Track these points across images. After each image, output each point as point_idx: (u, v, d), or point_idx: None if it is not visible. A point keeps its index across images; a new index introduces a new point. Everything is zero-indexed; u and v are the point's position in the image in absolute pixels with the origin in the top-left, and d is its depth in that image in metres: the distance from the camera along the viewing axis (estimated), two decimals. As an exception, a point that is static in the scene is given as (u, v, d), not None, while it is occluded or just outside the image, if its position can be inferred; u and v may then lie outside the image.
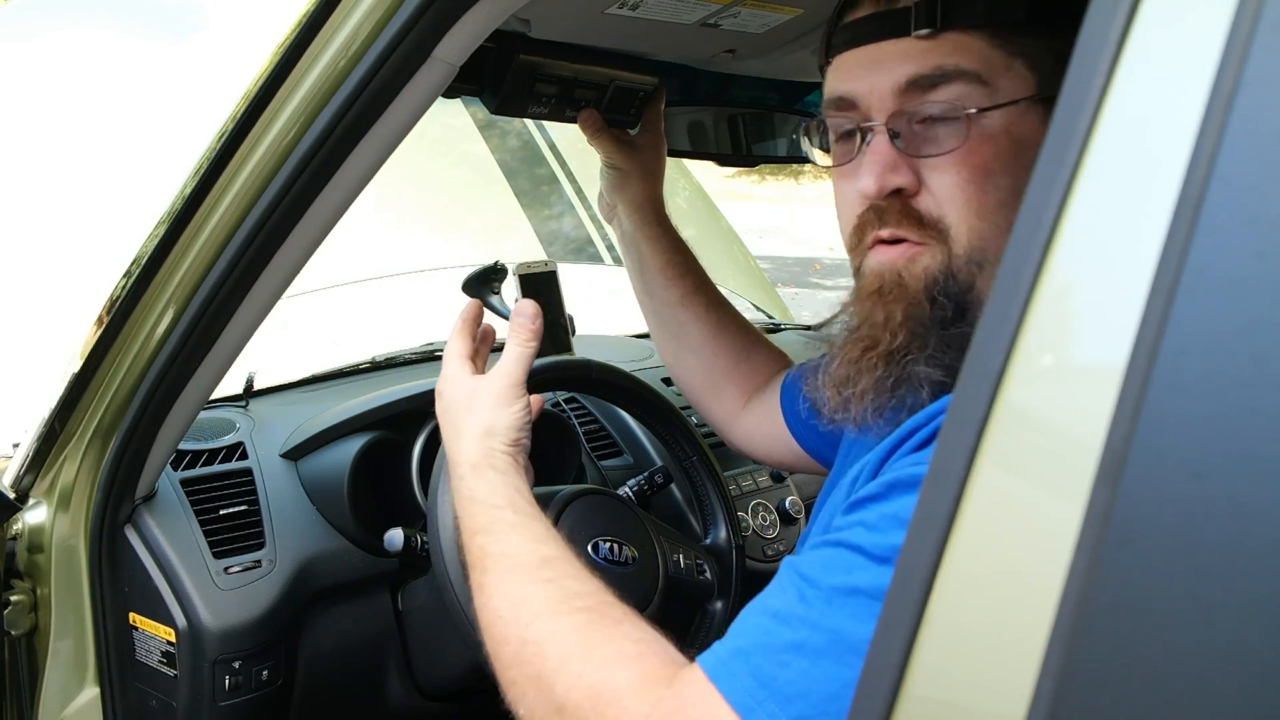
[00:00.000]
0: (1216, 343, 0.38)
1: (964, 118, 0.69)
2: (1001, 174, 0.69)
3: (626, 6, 1.04)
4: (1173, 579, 0.38)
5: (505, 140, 4.97)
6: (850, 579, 0.59)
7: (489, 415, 0.91)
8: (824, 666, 0.57)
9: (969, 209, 0.69)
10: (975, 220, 0.70)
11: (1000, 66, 0.69)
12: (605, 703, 0.64)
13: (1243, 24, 0.38)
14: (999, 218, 0.69)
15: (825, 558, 0.61)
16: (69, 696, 1.30)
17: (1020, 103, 0.68)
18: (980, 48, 0.69)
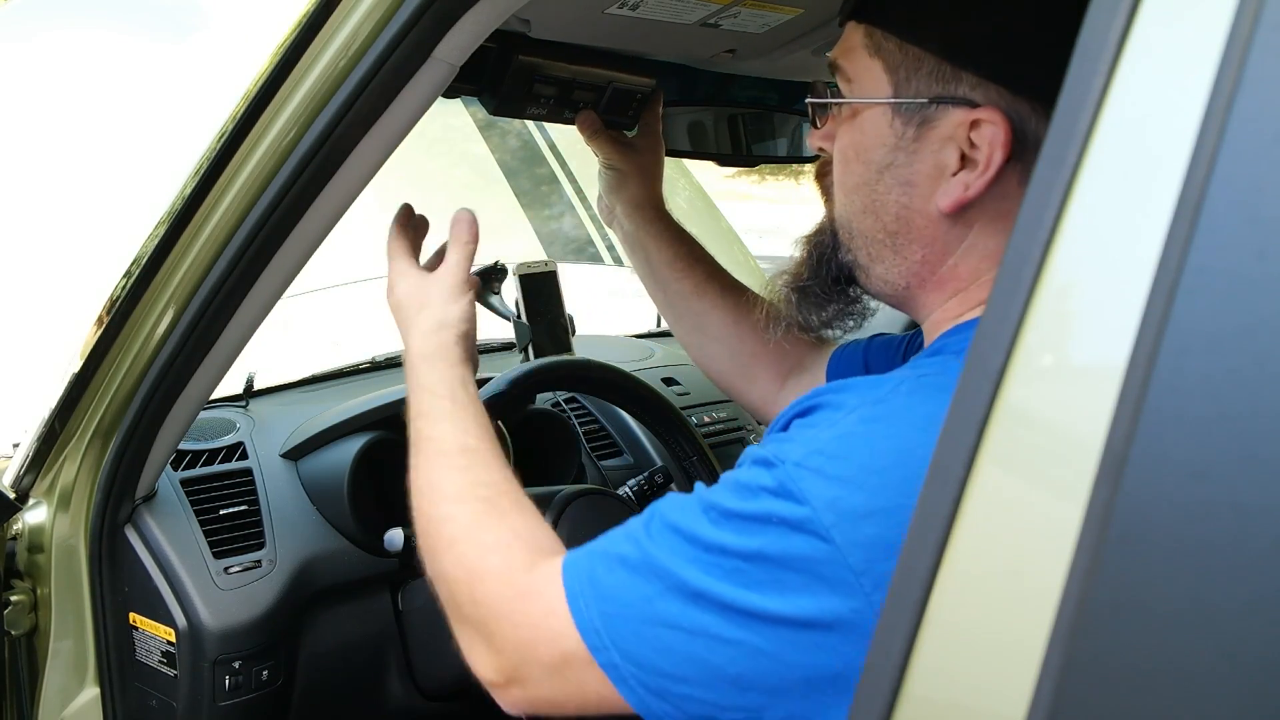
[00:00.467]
0: (1217, 343, 0.38)
1: (833, 105, 0.78)
2: (855, 161, 0.76)
3: (626, 6, 1.04)
4: (1173, 579, 0.38)
5: (505, 140, 4.97)
6: (677, 518, 0.66)
7: (440, 310, 0.95)
8: (634, 580, 0.65)
9: (839, 182, 0.79)
10: (841, 193, 0.78)
11: (863, 66, 0.74)
12: (477, 580, 0.75)
13: (1243, 24, 0.38)
14: (856, 197, 0.76)
15: (680, 498, 0.69)
16: (69, 696, 1.30)
17: (870, 103, 0.74)
18: (859, 45, 0.75)
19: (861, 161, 0.75)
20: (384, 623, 1.47)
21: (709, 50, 1.25)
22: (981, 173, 0.68)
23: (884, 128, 0.73)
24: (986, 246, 0.72)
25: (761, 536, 0.61)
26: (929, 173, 0.71)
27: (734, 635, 0.61)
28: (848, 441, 0.62)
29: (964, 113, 0.69)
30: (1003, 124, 0.67)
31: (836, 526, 0.59)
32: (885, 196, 0.74)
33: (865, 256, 0.78)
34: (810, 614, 0.60)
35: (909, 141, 0.72)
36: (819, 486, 0.60)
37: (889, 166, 0.73)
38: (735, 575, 0.61)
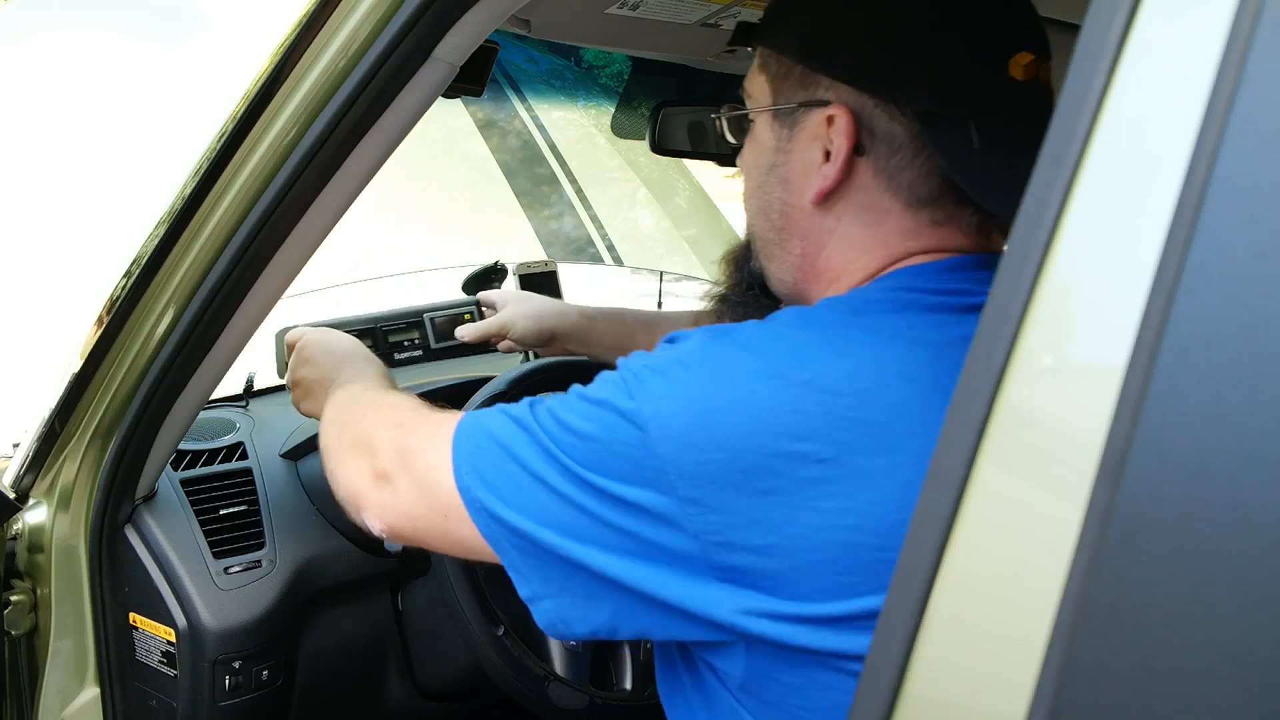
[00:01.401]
0: (1216, 343, 0.38)
1: (735, 119, 0.85)
2: (752, 168, 0.82)
3: (626, 6, 1.04)
4: (1173, 579, 0.38)
5: (505, 140, 4.98)
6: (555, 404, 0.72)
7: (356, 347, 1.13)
8: (510, 429, 0.73)
9: (745, 193, 0.85)
10: (747, 201, 0.84)
11: (754, 81, 0.82)
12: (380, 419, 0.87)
13: (1243, 24, 0.38)
14: (753, 203, 0.83)
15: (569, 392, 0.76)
16: (69, 696, 1.30)
17: (758, 112, 0.81)
18: (754, 64, 0.82)
19: (756, 168, 0.82)
20: (384, 623, 1.47)
21: (709, 50, 1.26)
22: (833, 163, 0.75)
23: (768, 134, 0.80)
24: (852, 236, 0.77)
25: (597, 422, 0.68)
26: (801, 170, 0.78)
27: (567, 492, 0.68)
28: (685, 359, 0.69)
29: (820, 112, 0.75)
30: (846, 116, 0.73)
31: (653, 420, 0.65)
32: (770, 196, 0.81)
33: (764, 258, 0.84)
34: (626, 497, 0.66)
35: (785, 143, 0.79)
36: (646, 386, 0.67)
37: (773, 168, 0.80)
38: (574, 449, 0.69)
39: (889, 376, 0.65)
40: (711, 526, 0.64)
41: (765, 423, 0.63)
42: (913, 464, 0.62)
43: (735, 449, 0.63)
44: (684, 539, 0.65)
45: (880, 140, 0.73)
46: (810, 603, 0.63)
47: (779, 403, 0.64)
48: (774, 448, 0.62)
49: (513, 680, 1.12)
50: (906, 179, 0.74)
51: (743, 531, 0.63)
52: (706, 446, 0.63)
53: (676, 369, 0.67)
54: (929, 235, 0.75)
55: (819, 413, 0.63)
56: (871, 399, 0.64)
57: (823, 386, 0.64)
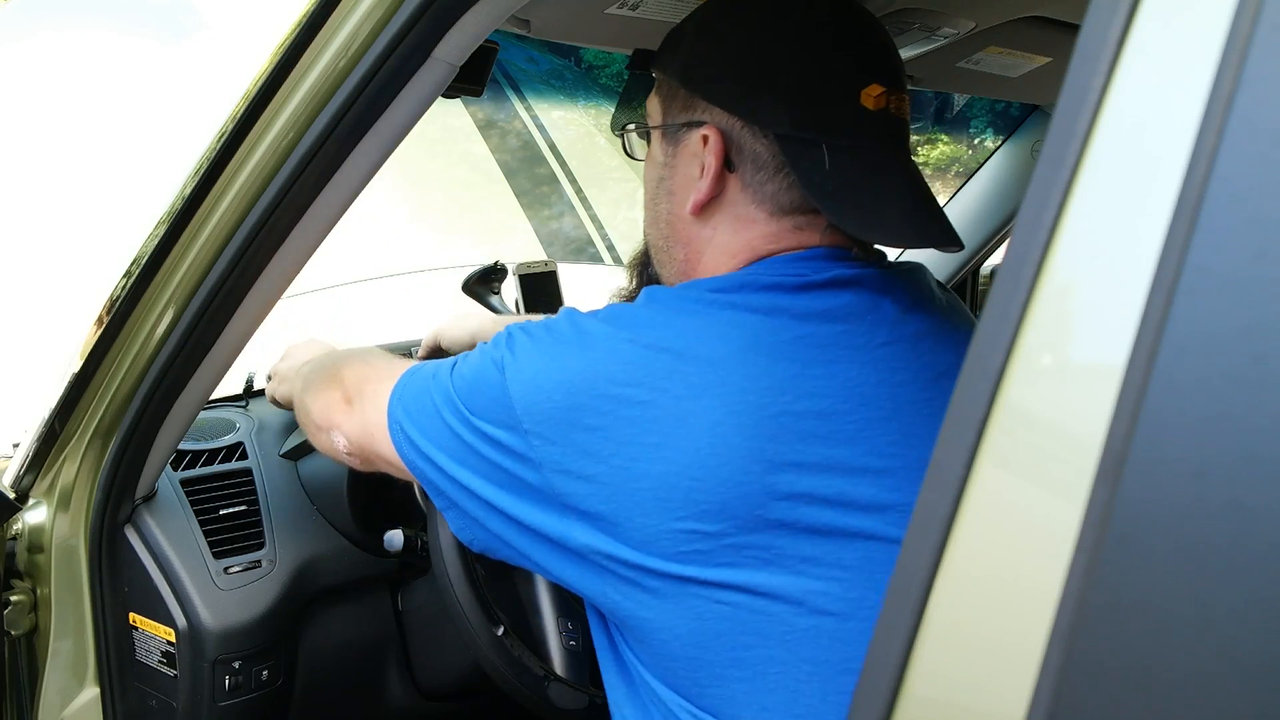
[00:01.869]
0: (1216, 343, 0.38)
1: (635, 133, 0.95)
2: (649, 181, 0.91)
3: (626, 6, 1.04)
4: (1172, 579, 0.38)
5: (505, 140, 4.98)
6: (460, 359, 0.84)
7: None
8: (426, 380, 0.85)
9: (644, 202, 0.94)
10: (645, 210, 0.94)
11: (650, 101, 0.91)
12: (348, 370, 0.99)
13: (1243, 24, 0.38)
14: (647, 213, 0.93)
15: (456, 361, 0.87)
16: (69, 696, 1.30)
17: (651, 129, 0.91)
18: (652, 86, 0.92)
19: (650, 181, 0.91)
20: (384, 623, 1.47)
21: (709, 50, 1.25)
22: (705, 177, 0.83)
23: (658, 150, 0.90)
24: (724, 243, 0.85)
25: (477, 371, 0.80)
26: (683, 183, 0.86)
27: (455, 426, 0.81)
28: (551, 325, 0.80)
29: (697, 131, 0.84)
30: (716, 136, 0.82)
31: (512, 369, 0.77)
32: (660, 207, 0.90)
33: (656, 264, 0.94)
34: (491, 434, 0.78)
35: (670, 158, 0.88)
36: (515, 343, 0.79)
37: (661, 181, 0.89)
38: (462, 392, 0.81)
39: (710, 337, 0.75)
40: (551, 457, 0.75)
41: (597, 372, 0.74)
42: (720, 406, 0.72)
43: (570, 391, 0.74)
44: (533, 472, 0.76)
45: (747, 158, 0.82)
46: (646, 554, 0.73)
47: (613, 357, 0.75)
48: (602, 390, 0.74)
49: (512, 680, 1.12)
50: (770, 191, 0.82)
51: (577, 461, 0.74)
52: (548, 390, 0.75)
53: (542, 331, 0.79)
54: (789, 238, 0.83)
55: (644, 364, 0.74)
56: (690, 354, 0.74)
57: (650, 343, 0.75)
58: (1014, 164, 2.05)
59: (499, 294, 1.93)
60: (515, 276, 1.90)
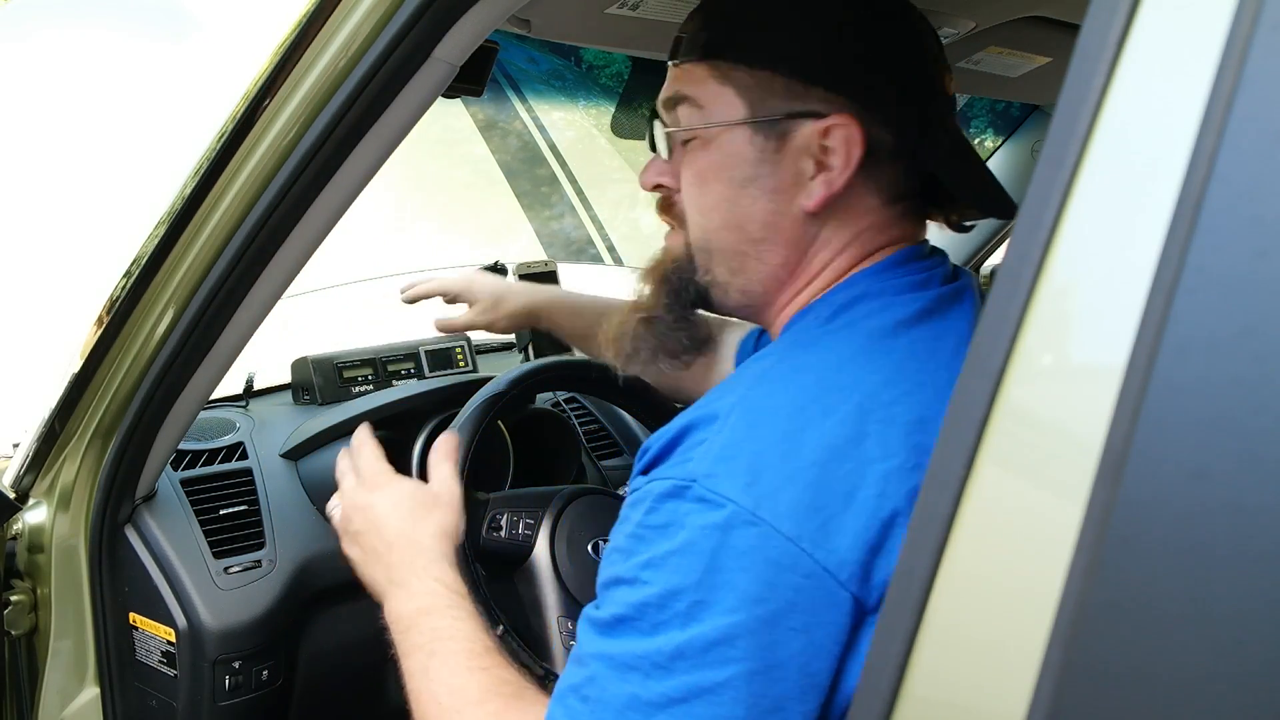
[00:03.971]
0: (1216, 343, 0.38)
1: (685, 132, 0.84)
2: (715, 181, 0.82)
3: (626, 6, 1.04)
4: (1172, 580, 0.38)
5: (506, 141, 4.98)
6: (615, 610, 0.68)
7: (440, 517, 1.01)
8: (611, 689, 0.66)
9: (694, 205, 0.85)
10: (697, 215, 0.84)
11: (714, 93, 0.82)
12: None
13: (1243, 24, 0.38)
14: (714, 215, 0.83)
15: (602, 597, 0.71)
16: (69, 696, 1.30)
17: (731, 125, 0.81)
18: (702, 77, 0.82)
19: (721, 180, 0.82)
20: (384, 623, 1.46)
21: (709, 50, 1.25)
22: (843, 170, 0.78)
23: (743, 146, 0.81)
24: (835, 238, 0.81)
25: (699, 556, 0.64)
26: (791, 180, 0.80)
27: (722, 675, 0.63)
28: (736, 437, 0.68)
29: (816, 124, 0.78)
30: (856, 126, 0.77)
31: (760, 506, 0.64)
32: (750, 208, 0.81)
33: (726, 272, 0.84)
34: (767, 598, 0.63)
35: (770, 154, 0.80)
36: (731, 482, 0.65)
37: (753, 180, 0.81)
38: (685, 617, 0.64)
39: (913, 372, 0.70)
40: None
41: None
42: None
43: None
44: (826, 578, 0.66)
45: (873, 148, 0.78)
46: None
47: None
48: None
49: (513, 680, 1.12)
50: (888, 179, 0.80)
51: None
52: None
53: (741, 456, 0.66)
54: (895, 228, 0.82)
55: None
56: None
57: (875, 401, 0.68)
58: (1014, 164, 2.05)
59: (499, 294, 1.93)
60: (515, 276, 1.90)
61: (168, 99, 2.02)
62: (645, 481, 0.71)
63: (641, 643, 0.65)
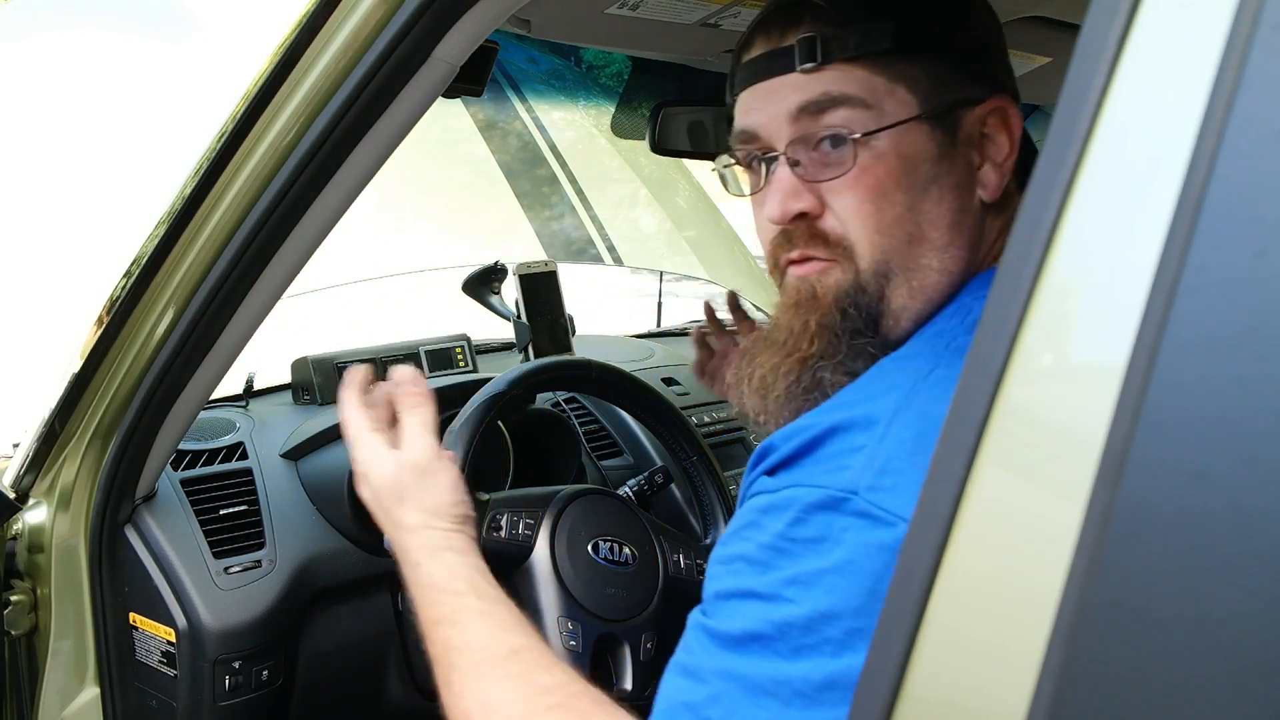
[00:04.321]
0: (1217, 343, 0.38)
1: (852, 141, 0.73)
2: (895, 190, 0.73)
3: (626, 6, 1.04)
4: (1173, 580, 0.38)
5: (506, 141, 4.98)
6: (746, 625, 0.61)
7: (425, 495, 0.89)
8: (741, 713, 0.59)
9: (869, 226, 0.74)
10: (876, 236, 0.74)
11: (883, 91, 0.74)
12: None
13: (1243, 24, 0.38)
14: (897, 231, 0.74)
15: (720, 607, 0.64)
16: (69, 696, 1.30)
17: (906, 123, 0.73)
18: (862, 76, 0.74)
19: (902, 189, 0.73)
20: (384, 623, 1.47)
21: (709, 50, 1.26)
22: (1011, 152, 0.74)
23: (923, 144, 0.74)
24: (996, 229, 0.77)
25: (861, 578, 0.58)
26: (966, 172, 0.75)
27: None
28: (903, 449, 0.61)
29: (979, 109, 0.74)
30: (1011, 104, 0.74)
31: None
32: (933, 212, 0.74)
33: (905, 294, 0.74)
34: None
35: (947, 149, 0.74)
36: (900, 498, 0.59)
37: (935, 180, 0.74)
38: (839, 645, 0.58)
39: None
40: None
41: None
42: None
43: None
44: None
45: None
46: None
47: None
48: None
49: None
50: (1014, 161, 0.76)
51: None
52: None
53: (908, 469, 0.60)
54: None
55: None
56: None
57: None
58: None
59: (499, 294, 1.93)
60: (515, 276, 1.90)
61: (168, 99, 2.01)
62: (779, 485, 0.64)
63: (781, 666, 0.59)
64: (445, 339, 1.88)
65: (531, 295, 1.91)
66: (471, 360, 1.90)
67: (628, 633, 1.12)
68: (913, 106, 0.74)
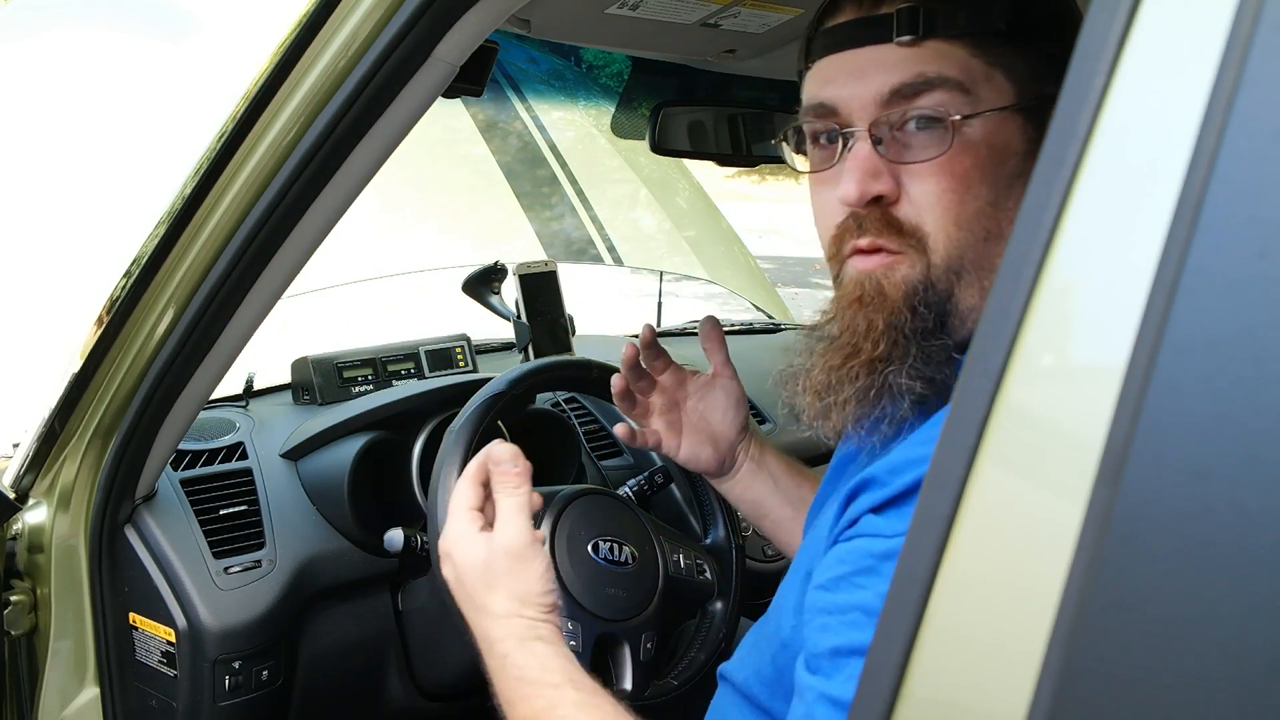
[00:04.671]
0: (1217, 343, 0.38)
1: (948, 125, 0.69)
2: (980, 183, 0.69)
3: (626, 6, 1.04)
4: (1173, 580, 0.38)
5: (506, 142, 4.98)
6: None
7: (516, 583, 0.82)
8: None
9: (948, 217, 0.70)
10: (953, 229, 0.70)
11: (981, 75, 0.69)
12: None
13: (1243, 24, 0.38)
14: (976, 226, 0.69)
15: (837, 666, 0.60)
16: (69, 696, 1.30)
17: (1001, 111, 0.69)
18: (961, 56, 0.69)
19: (987, 182, 0.69)
20: (384, 623, 1.47)
21: (709, 50, 1.26)
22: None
23: (1015, 135, 0.70)
24: None
25: None
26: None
27: None
28: None
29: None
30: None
31: None
32: (1016, 209, 0.66)
33: (975, 294, 0.70)
34: None
35: (1035, 146, 0.67)
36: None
37: (1021, 176, 0.69)
38: None
39: None
40: None
41: None
42: None
43: None
44: None
45: None
46: None
47: None
48: None
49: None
50: None
51: None
52: None
53: None
54: None
55: None
56: None
57: None
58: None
59: (499, 294, 1.93)
60: (515, 276, 1.90)
61: (168, 99, 2.01)
62: (897, 528, 0.59)
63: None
64: (445, 339, 1.88)
65: (531, 295, 1.91)
66: (471, 360, 1.90)
67: (628, 633, 1.12)
68: (1009, 95, 0.70)
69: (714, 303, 3.83)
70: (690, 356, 1.24)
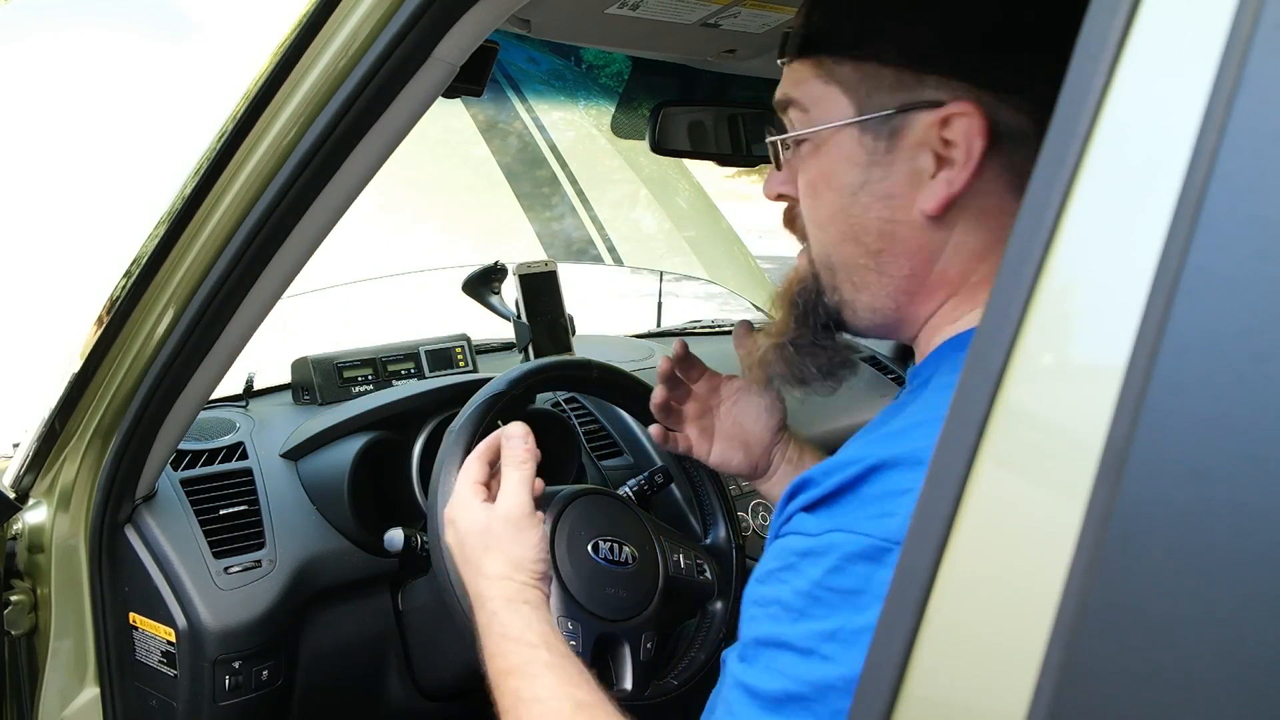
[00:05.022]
0: (1217, 343, 0.38)
1: (791, 142, 0.77)
2: (826, 189, 0.75)
3: (626, 6, 1.04)
4: (1173, 580, 0.38)
5: (506, 142, 4.98)
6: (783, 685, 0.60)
7: (511, 548, 0.91)
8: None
9: (811, 219, 0.78)
10: (816, 230, 0.77)
11: (819, 95, 0.75)
12: None
13: (1243, 24, 0.38)
14: (832, 229, 0.76)
15: (755, 654, 0.63)
16: (69, 696, 1.30)
17: (838, 126, 0.74)
18: (805, 76, 0.76)
19: (833, 189, 0.74)
20: (384, 623, 1.47)
21: (709, 50, 1.26)
22: (964, 165, 0.68)
23: (853, 148, 0.73)
24: (971, 244, 0.71)
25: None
26: (907, 181, 0.71)
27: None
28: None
29: (932, 114, 0.69)
30: (977, 114, 0.67)
31: None
32: (864, 216, 0.73)
33: (850, 289, 0.76)
34: None
35: (881, 155, 0.72)
36: None
37: (864, 185, 0.73)
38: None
39: None
40: None
41: None
42: None
43: None
44: None
45: (1005, 137, 0.68)
46: None
47: None
48: None
49: (512, 680, 1.12)
50: (1025, 170, 0.69)
51: None
52: None
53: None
54: None
55: None
56: None
57: None
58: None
59: (499, 294, 1.94)
60: (515, 276, 1.90)
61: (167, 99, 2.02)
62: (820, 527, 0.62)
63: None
64: (445, 339, 1.88)
65: (531, 295, 1.91)
66: (471, 360, 1.90)
67: (628, 633, 1.12)
68: (845, 110, 0.73)
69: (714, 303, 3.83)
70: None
